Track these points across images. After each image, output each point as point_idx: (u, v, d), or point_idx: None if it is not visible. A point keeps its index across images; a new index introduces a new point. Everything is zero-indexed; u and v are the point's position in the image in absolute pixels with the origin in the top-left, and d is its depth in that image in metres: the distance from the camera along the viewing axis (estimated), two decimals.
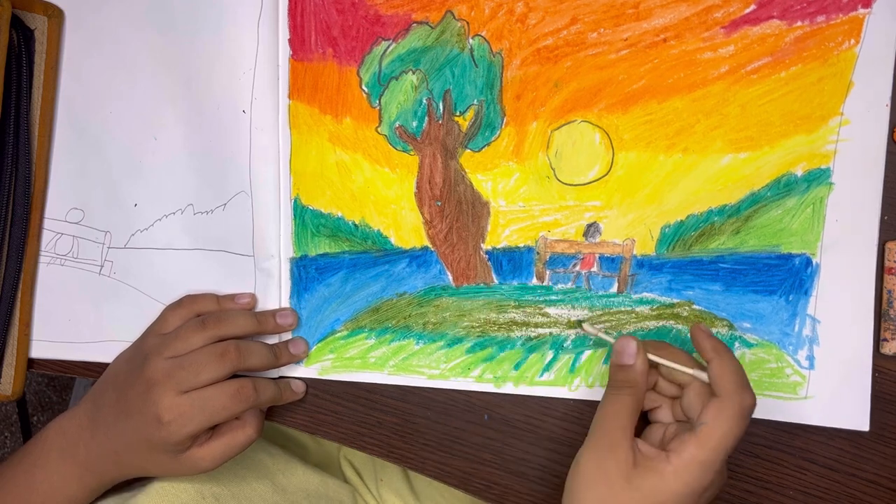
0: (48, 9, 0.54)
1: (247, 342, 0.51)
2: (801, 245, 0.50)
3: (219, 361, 0.49)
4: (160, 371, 0.48)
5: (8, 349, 0.56)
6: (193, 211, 0.55)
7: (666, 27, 0.49)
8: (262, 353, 0.51)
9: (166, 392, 0.48)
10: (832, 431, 0.51)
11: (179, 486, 0.52)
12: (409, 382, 0.54)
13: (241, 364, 0.50)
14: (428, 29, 0.51)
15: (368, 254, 0.54)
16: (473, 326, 0.54)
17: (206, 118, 0.54)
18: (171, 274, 0.56)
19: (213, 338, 0.50)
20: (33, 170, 0.54)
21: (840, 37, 0.48)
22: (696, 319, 0.51)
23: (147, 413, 0.48)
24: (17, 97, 0.53)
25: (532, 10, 0.50)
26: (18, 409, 1.11)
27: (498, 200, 0.53)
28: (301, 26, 0.53)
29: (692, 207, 0.51)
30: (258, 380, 0.51)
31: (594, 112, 0.51)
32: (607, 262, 0.52)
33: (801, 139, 0.49)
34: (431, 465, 0.55)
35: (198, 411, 0.48)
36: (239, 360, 0.49)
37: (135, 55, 0.55)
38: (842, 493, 0.51)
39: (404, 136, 0.53)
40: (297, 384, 0.54)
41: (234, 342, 0.50)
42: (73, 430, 0.51)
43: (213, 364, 0.48)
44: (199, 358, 0.49)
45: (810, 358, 0.50)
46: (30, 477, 0.50)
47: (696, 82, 0.49)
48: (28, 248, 0.55)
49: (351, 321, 0.55)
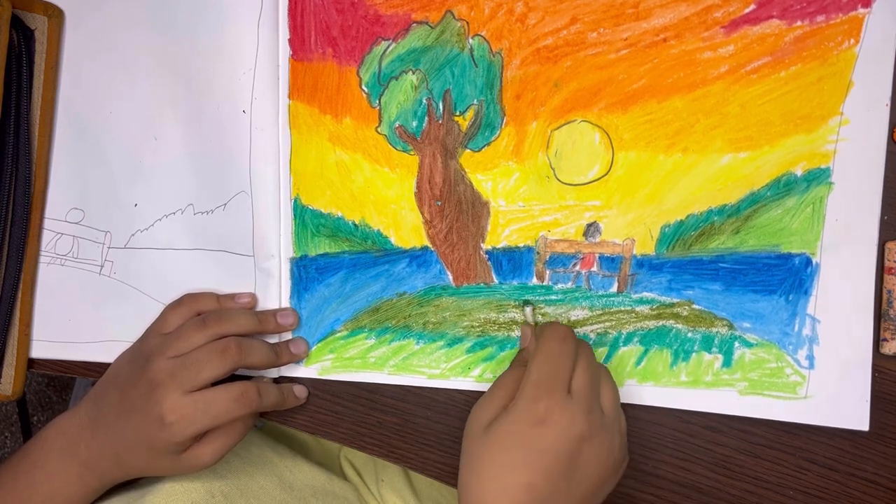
0: (48, 9, 0.54)
1: (248, 340, 0.51)
2: (800, 245, 0.50)
3: (220, 358, 0.49)
4: (163, 371, 0.48)
5: (8, 349, 0.56)
6: (193, 211, 0.55)
7: (666, 27, 0.49)
8: (262, 351, 0.51)
9: (170, 392, 0.48)
10: (832, 431, 0.51)
11: (189, 486, 0.52)
12: (410, 382, 0.54)
13: (241, 361, 0.50)
14: (428, 29, 0.51)
15: (368, 254, 0.54)
16: (473, 326, 0.54)
17: (206, 118, 0.54)
18: (171, 274, 0.56)
19: (215, 336, 0.50)
20: (33, 170, 0.54)
21: (840, 36, 0.48)
22: (696, 319, 0.51)
23: (150, 413, 0.48)
24: (17, 97, 0.53)
25: (532, 10, 0.50)
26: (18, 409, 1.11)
27: (498, 200, 0.53)
28: (301, 26, 0.53)
29: (692, 207, 0.51)
30: (262, 384, 0.51)
31: (594, 112, 0.51)
32: (607, 262, 0.52)
33: (801, 139, 0.49)
34: (432, 466, 0.55)
35: (201, 414, 0.48)
36: (240, 357, 0.49)
37: (135, 55, 0.55)
38: (841, 492, 0.51)
39: (404, 136, 0.53)
40: (300, 390, 0.55)
41: (234, 339, 0.50)
42: (73, 429, 0.51)
43: (215, 361, 0.49)
44: (200, 356, 0.49)
45: (810, 357, 0.50)
46: (30, 477, 0.50)
47: (696, 82, 0.49)
48: (28, 248, 0.55)
49: (351, 321, 0.55)
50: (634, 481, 0.53)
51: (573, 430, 0.43)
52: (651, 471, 0.53)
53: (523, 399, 0.44)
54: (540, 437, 0.43)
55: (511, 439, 0.43)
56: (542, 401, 0.43)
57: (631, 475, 0.53)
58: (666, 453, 0.53)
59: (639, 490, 0.53)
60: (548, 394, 0.43)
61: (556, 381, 0.44)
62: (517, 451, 0.43)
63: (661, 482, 0.53)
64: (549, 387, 0.44)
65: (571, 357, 0.45)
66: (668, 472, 0.53)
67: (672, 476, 0.53)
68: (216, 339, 0.50)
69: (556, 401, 0.43)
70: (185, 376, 0.48)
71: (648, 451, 0.53)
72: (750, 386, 0.51)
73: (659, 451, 0.53)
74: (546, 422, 0.43)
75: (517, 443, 0.43)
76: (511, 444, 0.43)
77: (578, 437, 0.43)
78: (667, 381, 0.52)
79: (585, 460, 0.44)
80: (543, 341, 0.46)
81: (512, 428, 0.44)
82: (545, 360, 0.45)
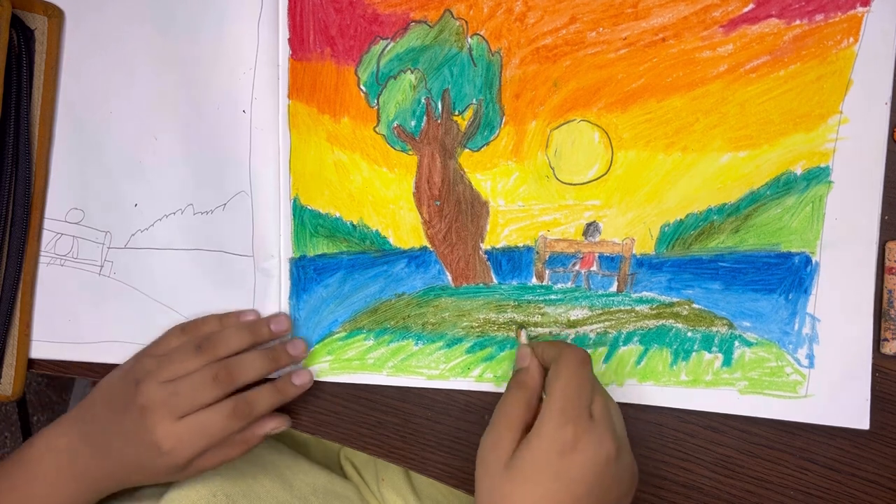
0: (48, 9, 0.54)
1: (240, 357, 0.51)
2: (800, 243, 0.50)
3: (212, 386, 0.49)
4: (154, 397, 0.48)
5: (8, 349, 0.56)
6: (193, 211, 0.55)
7: (665, 26, 0.49)
8: (256, 365, 0.51)
9: (162, 420, 0.48)
10: (832, 431, 0.51)
11: (190, 486, 0.52)
12: (409, 383, 0.54)
13: (234, 385, 0.50)
14: (426, 28, 0.51)
15: (367, 254, 0.54)
16: (473, 326, 0.54)
17: (206, 118, 0.54)
18: (171, 274, 0.56)
19: (208, 361, 0.50)
20: (33, 170, 0.55)
21: (839, 35, 0.48)
22: (695, 318, 0.51)
23: (144, 441, 0.48)
24: (17, 97, 0.53)
25: (531, 9, 0.50)
26: (18, 409, 1.11)
27: (497, 200, 0.53)
28: (300, 25, 0.53)
29: (692, 206, 0.51)
30: (253, 392, 0.50)
31: (593, 111, 0.51)
32: (607, 262, 0.52)
33: (801, 137, 0.49)
34: (432, 466, 0.55)
35: (197, 437, 0.48)
36: (232, 381, 0.49)
37: (135, 55, 0.55)
38: (842, 492, 0.51)
39: (403, 136, 0.53)
40: (299, 376, 0.53)
41: (224, 363, 0.50)
42: (70, 445, 0.51)
43: (208, 389, 0.48)
44: (193, 383, 0.48)
45: (810, 356, 0.50)
46: (29, 489, 0.50)
47: (695, 81, 0.49)
48: (28, 248, 0.55)
49: (349, 322, 0.55)
50: None
51: (601, 454, 0.42)
52: (651, 471, 0.53)
53: (549, 427, 0.42)
54: (571, 466, 0.41)
55: (540, 471, 0.42)
56: (570, 427, 0.42)
57: None
58: (666, 453, 0.53)
59: (639, 490, 0.53)
60: (575, 420, 0.42)
61: (581, 406, 0.43)
62: (549, 484, 0.41)
63: (662, 482, 0.53)
64: (575, 413, 0.42)
65: (592, 380, 0.44)
66: (669, 472, 0.53)
67: (672, 476, 0.53)
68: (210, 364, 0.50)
69: (583, 426, 0.42)
70: (176, 403, 0.48)
71: (648, 451, 0.53)
72: (750, 385, 0.50)
73: (659, 451, 0.53)
74: (577, 448, 0.41)
75: (548, 474, 0.41)
76: (542, 476, 0.42)
77: (606, 460, 0.42)
78: (667, 380, 0.52)
79: (612, 481, 0.43)
80: (565, 366, 0.44)
81: (540, 458, 0.42)
82: (568, 384, 0.43)
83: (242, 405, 0.49)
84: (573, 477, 0.41)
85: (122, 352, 0.55)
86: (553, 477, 0.41)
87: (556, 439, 0.42)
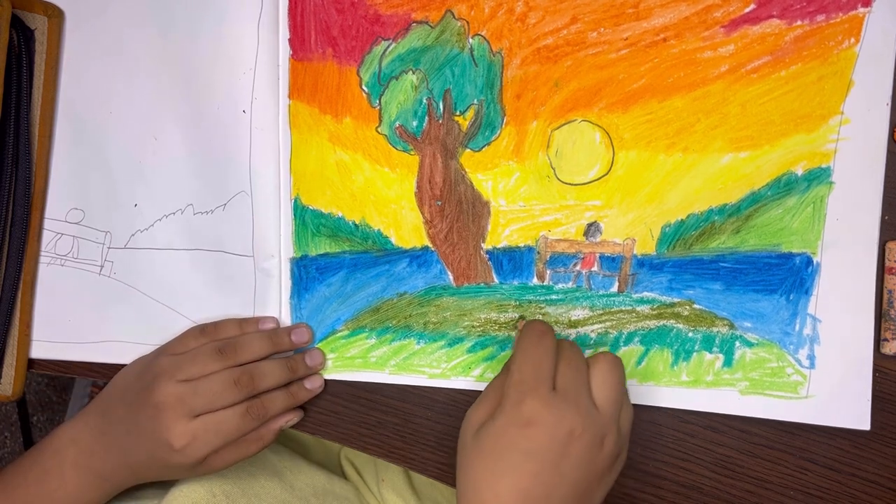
0: (48, 9, 0.54)
1: (260, 364, 0.51)
2: (801, 244, 0.50)
3: (233, 389, 0.49)
4: (171, 395, 0.48)
5: (8, 349, 0.56)
6: (193, 211, 0.55)
7: (666, 26, 0.49)
8: (276, 374, 0.52)
9: (178, 418, 0.48)
10: (833, 431, 0.51)
11: (190, 486, 0.52)
12: (410, 382, 0.54)
13: (254, 390, 0.50)
14: (428, 28, 0.51)
15: (369, 254, 0.54)
16: (474, 326, 0.54)
17: (206, 118, 0.54)
18: (171, 274, 0.56)
19: (229, 365, 0.50)
20: (33, 170, 0.54)
21: (840, 36, 0.48)
22: (696, 318, 0.51)
23: (158, 438, 0.48)
24: (17, 97, 0.53)
25: (532, 10, 0.50)
26: (18, 409, 1.11)
27: (498, 200, 0.53)
28: (301, 26, 0.52)
29: (692, 207, 0.51)
30: (266, 395, 0.51)
31: (594, 111, 0.51)
32: (608, 262, 0.52)
33: (802, 138, 0.49)
34: (432, 466, 0.55)
35: (212, 435, 0.48)
36: (252, 387, 0.50)
37: (135, 55, 0.54)
38: (842, 492, 0.51)
39: (404, 136, 0.53)
40: (311, 380, 0.54)
41: (247, 368, 0.50)
42: (85, 441, 0.51)
43: (228, 392, 0.49)
44: (213, 386, 0.49)
45: (811, 357, 0.50)
46: (44, 486, 0.50)
47: (697, 81, 0.49)
48: (28, 248, 0.55)
49: (352, 321, 0.55)
50: (634, 481, 0.53)
51: (561, 428, 0.41)
52: (651, 471, 0.53)
53: (508, 402, 0.43)
54: (528, 439, 0.42)
55: (499, 444, 0.42)
56: (527, 401, 0.42)
57: (631, 475, 0.53)
58: (666, 453, 0.53)
59: (639, 490, 0.53)
60: (531, 393, 0.42)
61: (539, 379, 0.43)
62: (507, 456, 0.42)
63: (662, 482, 0.53)
64: (532, 385, 0.42)
65: (551, 353, 0.44)
66: (669, 473, 0.53)
67: (672, 476, 0.53)
68: (231, 368, 0.50)
69: (541, 399, 0.42)
70: (193, 402, 0.48)
71: (648, 451, 0.53)
72: (751, 385, 0.51)
73: (659, 451, 0.53)
74: (533, 422, 0.42)
75: (506, 447, 0.42)
76: (500, 448, 0.42)
77: (567, 435, 0.41)
78: (667, 380, 0.52)
79: (577, 457, 0.42)
80: (521, 340, 0.45)
81: (499, 432, 0.42)
82: (524, 358, 0.43)
83: (257, 405, 0.50)
84: (529, 449, 0.41)
85: (122, 352, 0.56)
86: (511, 450, 0.42)
87: (513, 413, 0.42)
